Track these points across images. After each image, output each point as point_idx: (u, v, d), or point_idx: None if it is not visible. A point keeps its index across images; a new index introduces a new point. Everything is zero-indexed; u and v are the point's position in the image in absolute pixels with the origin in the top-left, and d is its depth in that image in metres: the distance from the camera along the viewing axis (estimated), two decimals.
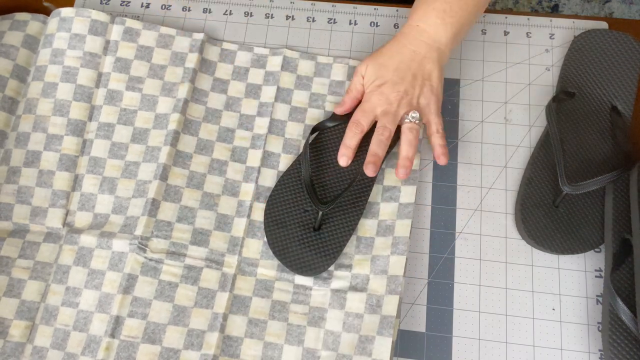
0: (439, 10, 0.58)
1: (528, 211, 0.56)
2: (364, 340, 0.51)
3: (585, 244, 0.55)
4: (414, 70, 0.58)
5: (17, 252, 0.56)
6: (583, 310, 0.54)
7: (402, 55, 0.58)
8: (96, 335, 0.52)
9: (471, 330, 0.54)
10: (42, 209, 0.58)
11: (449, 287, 0.55)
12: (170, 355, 0.52)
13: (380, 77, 0.58)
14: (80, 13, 0.64)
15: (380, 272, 0.54)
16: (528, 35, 0.65)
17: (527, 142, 0.61)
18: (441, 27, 0.58)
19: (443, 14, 0.58)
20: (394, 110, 0.57)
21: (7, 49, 0.63)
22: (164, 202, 0.57)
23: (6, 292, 0.54)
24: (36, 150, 0.59)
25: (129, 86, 0.62)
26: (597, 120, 0.60)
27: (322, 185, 0.58)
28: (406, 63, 0.58)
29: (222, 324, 0.53)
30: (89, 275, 0.55)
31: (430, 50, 0.58)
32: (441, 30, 0.58)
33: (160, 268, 0.54)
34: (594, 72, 0.62)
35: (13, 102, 0.62)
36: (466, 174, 0.60)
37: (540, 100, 0.62)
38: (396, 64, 0.58)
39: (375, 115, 0.57)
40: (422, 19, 0.59)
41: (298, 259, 0.55)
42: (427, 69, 0.58)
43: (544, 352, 0.52)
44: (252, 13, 0.68)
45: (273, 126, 0.61)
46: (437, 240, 0.57)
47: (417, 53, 0.58)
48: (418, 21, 0.59)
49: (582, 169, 0.58)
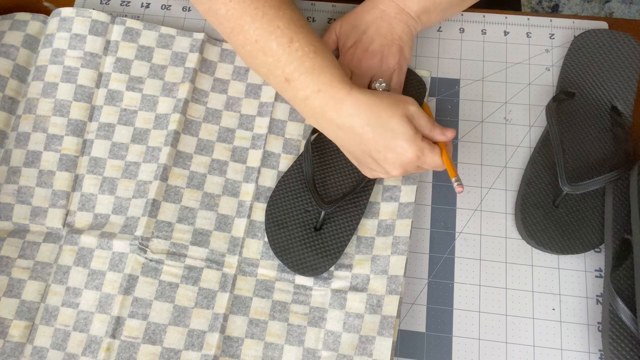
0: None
1: (528, 211, 0.56)
2: (364, 341, 0.51)
3: (585, 244, 0.55)
4: (384, 31, 0.59)
5: (17, 252, 0.56)
6: (583, 310, 0.54)
7: (371, 15, 0.60)
8: (97, 336, 0.52)
9: (471, 330, 0.54)
10: (42, 209, 0.58)
11: (449, 287, 0.55)
12: (170, 355, 0.52)
13: (352, 37, 0.60)
14: (80, 13, 0.64)
15: (380, 272, 0.54)
16: (528, 35, 0.65)
17: (527, 142, 0.61)
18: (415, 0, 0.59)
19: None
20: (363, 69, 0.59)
21: (7, 48, 0.63)
22: (164, 203, 0.57)
23: (6, 292, 0.54)
24: (36, 150, 0.59)
25: (129, 86, 0.62)
26: (597, 120, 0.60)
27: (323, 185, 0.58)
28: (376, 24, 0.59)
29: (223, 325, 0.53)
30: (89, 276, 0.55)
31: (400, 13, 0.59)
32: (415, 3, 0.59)
33: (161, 268, 0.55)
34: (594, 72, 0.62)
35: (13, 102, 0.62)
36: (466, 174, 0.60)
37: (540, 100, 0.62)
38: (366, 24, 0.60)
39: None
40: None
41: (299, 259, 0.55)
42: (397, 30, 0.59)
43: (544, 352, 0.53)
44: None
45: (273, 126, 0.61)
46: (437, 240, 0.57)
47: (386, 13, 0.59)
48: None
49: (582, 169, 0.58)
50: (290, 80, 0.52)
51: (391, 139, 0.49)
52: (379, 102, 0.50)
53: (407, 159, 0.50)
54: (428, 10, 0.60)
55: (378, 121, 0.49)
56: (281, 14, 0.52)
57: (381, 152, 0.50)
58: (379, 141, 0.50)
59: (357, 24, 0.60)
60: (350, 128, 0.51)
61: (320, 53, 0.52)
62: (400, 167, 0.51)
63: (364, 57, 0.59)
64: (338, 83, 0.51)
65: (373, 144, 0.50)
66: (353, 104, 0.50)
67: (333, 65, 0.52)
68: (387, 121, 0.49)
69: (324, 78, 0.51)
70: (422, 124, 0.51)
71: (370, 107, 0.50)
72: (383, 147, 0.50)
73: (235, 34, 0.54)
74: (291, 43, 0.52)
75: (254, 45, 0.53)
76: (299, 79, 0.52)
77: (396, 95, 0.52)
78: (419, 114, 0.51)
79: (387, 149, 0.50)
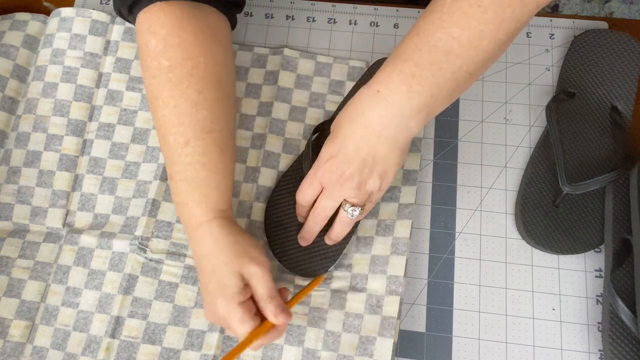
0: (406, 74, 0.46)
1: (528, 211, 0.56)
2: (364, 341, 0.51)
3: (585, 244, 0.55)
4: (364, 154, 0.48)
5: (17, 252, 0.56)
6: (583, 310, 0.54)
7: (353, 129, 0.48)
8: (96, 336, 0.52)
9: (471, 330, 0.54)
10: (42, 209, 0.58)
11: (449, 287, 0.55)
12: (170, 355, 0.52)
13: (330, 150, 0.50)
14: (80, 13, 0.64)
15: (379, 272, 0.54)
16: (528, 35, 0.65)
17: (527, 142, 0.61)
18: (405, 96, 0.46)
19: (410, 79, 0.46)
20: (336, 192, 0.50)
21: (7, 48, 0.63)
22: (164, 203, 0.57)
23: (6, 292, 0.54)
24: (36, 150, 0.59)
25: (129, 86, 0.62)
26: (597, 120, 0.60)
27: None
28: (356, 141, 0.48)
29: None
30: (89, 276, 0.55)
31: (387, 127, 0.47)
32: (404, 100, 0.46)
33: (161, 268, 0.55)
34: (594, 72, 0.62)
35: (13, 102, 0.62)
36: (466, 174, 0.60)
37: (540, 100, 0.62)
38: (344, 140, 0.49)
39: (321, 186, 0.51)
40: (384, 82, 0.47)
41: (298, 260, 0.55)
42: (380, 151, 0.48)
43: (544, 352, 0.53)
44: (252, 13, 0.68)
45: (273, 126, 0.61)
46: (437, 240, 0.57)
47: (370, 130, 0.47)
48: (379, 85, 0.47)
49: (582, 169, 0.58)
50: (170, 179, 0.51)
51: (214, 284, 0.48)
52: (228, 245, 0.48)
53: (218, 310, 0.47)
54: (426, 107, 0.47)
55: (216, 260, 0.48)
56: (194, 112, 0.50)
57: (207, 285, 0.49)
58: (208, 277, 0.49)
59: (337, 135, 0.50)
60: (194, 251, 0.50)
61: (210, 168, 0.50)
62: (211, 313, 0.49)
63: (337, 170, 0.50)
64: (205, 207, 0.50)
65: (202, 277, 0.49)
66: (205, 233, 0.49)
67: (214, 187, 0.50)
68: (222, 265, 0.48)
69: (196, 195, 0.50)
70: (257, 291, 0.48)
71: (216, 243, 0.49)
72: (209, 283, 0.49)
73: (151, 107, 0.53)
74: (186, 145, 0.50)
75: (157, 130, 0.52)
76: (176, 183, 0.51)
77: (252, 248, 0.49)
78: (260, 280, 0.48)
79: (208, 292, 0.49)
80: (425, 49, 0.46)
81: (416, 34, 0.47)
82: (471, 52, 0.45)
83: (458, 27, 0.45)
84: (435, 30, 0.46)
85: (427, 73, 0.46)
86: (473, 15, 0.44)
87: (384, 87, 0.47)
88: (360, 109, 0.48)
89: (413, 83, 0.46)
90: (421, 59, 0.46)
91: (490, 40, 0.45)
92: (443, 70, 0.46)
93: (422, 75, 0.46)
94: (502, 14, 0.44)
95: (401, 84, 0.46)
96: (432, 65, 0.46)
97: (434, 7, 0.47)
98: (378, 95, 0.47)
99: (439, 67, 0.46)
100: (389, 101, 0.47)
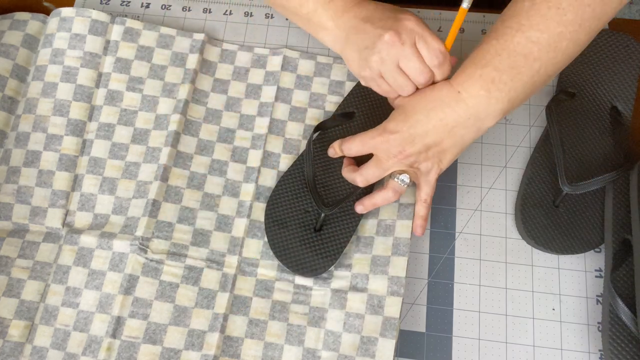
0: (486, 79, 0.47)
1: (528, 211, 0.56)
2: (366, 342, 0.51)
3: (585, 244, 0.55)
4: (430, 141, 0.50)
5: (17, 252, 0.56)
6: (583, 310, 0.54)
7: (428, 118, 0.49)
8: (97, 336, 0.52)
9: (471, 330, 0.54)
10: (42, 208, 0.58)
11: (449, 287, 0.55)
12: (171, 355, 0.52)
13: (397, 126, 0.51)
14: (80, 13, 0.64)
15: (380, 272, 0.54)
16: None
17: (527, 142, 0.61)
18: (484, 101, 0.47)
19: (490, 85, 0.47)
20: (389, 164, 0.52)
21: (7, 48, 0.63)
22: (164, 203, 0.57)
23: (5, 292, 0.54)
24: (36, 150, 0.59)
25: (130, 86, 0.62)
26: (597, 120, 0.60)
27: (323, 186, 0.58)
28: (427, 129, 0.49)
29: (223, 325, 0.53)
30: (89, 276, 0.54)
31: (459, 126, 0.49)
32: (483, 105, 0.47)
33: (161, 269, 0.54)
34: (594, 72, 0.62)
35: (13, 101, 0.62)
36: (466, 174, 0.60)
37: (540, 100, 0.62)
38: (415, 123, 0.50)
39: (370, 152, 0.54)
40: (465, 84, 0.48)
41: (298, 259, 0.55)
42: (445, 144, 0.50)
43: (544, 352, 0.53)
44: (252, 13, 0.68)
45: (273, 126, 0.61)
46: (437, 240, 0.57)
47: (444, 124, 0.49)
48: (460, 86, 0.48)
49: (582, 169, 0.58)
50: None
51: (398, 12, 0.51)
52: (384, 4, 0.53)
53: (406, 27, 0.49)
54: (505, 111, 0.49)
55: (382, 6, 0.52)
56: None
57: (383, 21, 0.51)
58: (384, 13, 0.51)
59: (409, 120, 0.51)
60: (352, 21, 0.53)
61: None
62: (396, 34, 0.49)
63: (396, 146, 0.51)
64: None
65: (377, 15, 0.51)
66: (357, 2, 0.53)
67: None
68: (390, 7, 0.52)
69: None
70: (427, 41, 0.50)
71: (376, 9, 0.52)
72: (387, 18, 0.51)
73: None
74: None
75: None
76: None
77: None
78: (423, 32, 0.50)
79: (390, 19, 0.50)
80: (504, 53, 0.47)
81: (494, 38, 0.48)
82: (550, 54, 0.46)
83: (537, 30, 0.45)
84: (513, 35, 0.46)
85: (506, 78, 0.47)
86: (552, 18, 0.45)
87: (464, 89, 0.48)
88: (440, 102, 0.49)
89: (492, 89, 0.47)
90: (501, 64, 0.47)
91: (570, 40, 0.46)
92: (522, 74, 0.47)
93: (502, 80, 0.47)
94: (582, 15, 0.45)
95: (481, 89, 0.47)
96: (511, 69, 0.46)
97: (512, 11, 0.48)
98: (458, 96, 0.48)
99: (518, 72, 0.47)
100: (468, 104, 0.48)
